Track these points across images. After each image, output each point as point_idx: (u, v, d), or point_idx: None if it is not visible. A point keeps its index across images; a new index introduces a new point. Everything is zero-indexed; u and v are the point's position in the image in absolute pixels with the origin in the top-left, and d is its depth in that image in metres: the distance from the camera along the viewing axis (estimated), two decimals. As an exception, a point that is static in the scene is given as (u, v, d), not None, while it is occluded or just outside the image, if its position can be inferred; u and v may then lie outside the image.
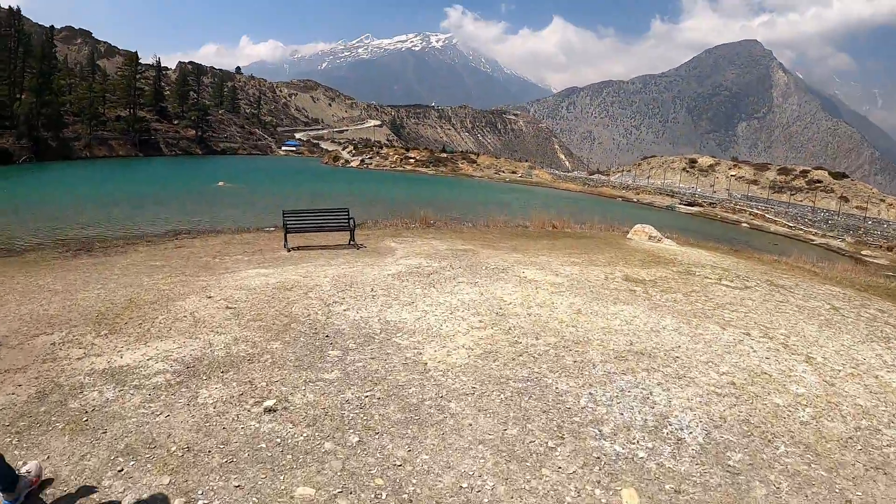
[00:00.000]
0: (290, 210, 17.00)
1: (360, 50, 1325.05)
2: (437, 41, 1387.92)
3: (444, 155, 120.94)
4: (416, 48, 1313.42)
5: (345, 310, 9.58)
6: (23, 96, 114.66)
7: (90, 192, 40.53)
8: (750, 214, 73.44)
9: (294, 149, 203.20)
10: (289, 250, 16.13)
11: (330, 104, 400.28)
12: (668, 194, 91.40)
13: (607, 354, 8.01)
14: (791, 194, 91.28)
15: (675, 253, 18.87)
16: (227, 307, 9.59)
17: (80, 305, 9.59)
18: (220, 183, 49.34)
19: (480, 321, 9.20)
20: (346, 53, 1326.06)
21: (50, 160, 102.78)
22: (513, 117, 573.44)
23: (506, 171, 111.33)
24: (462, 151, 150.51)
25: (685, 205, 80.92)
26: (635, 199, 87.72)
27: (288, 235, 16.62)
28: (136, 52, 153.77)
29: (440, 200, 43.08)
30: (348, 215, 17.05)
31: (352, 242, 17.01)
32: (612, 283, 12.78)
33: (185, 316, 9.00)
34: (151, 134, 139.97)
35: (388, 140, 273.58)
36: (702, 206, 79.71)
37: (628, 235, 23.29)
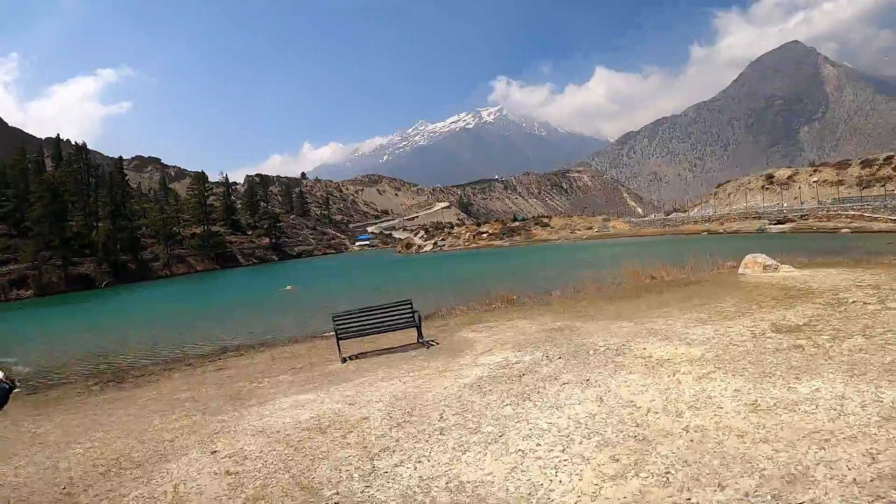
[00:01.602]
0: (341, 313, 13.88)
1: (416, 137, 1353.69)
2: (488, 115, 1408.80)
3: (516, 223, 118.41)
4: (470, 126, 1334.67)
5: (396, 465, 6.34)
6: (99, 224, 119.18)
7: (153, 312, 41.42)
8: (847, 218, 69.41)
9: (367, 242, 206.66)
10: (343, 361, 13.14)
11: (396, 194, 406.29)
12: (754, 217, 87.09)
13: (855, 498, 4.54)
14: (882, 185, 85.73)
15: (802, 280, 16.13)
16: (228, 472, 6.74)
17: (58, 468, 7.91)
18: (288, 287, 47.85)
19: (614, 459, 5.72)
20: (404, 143, 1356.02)
21: (130, 282, 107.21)
22: (576, 174, 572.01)
23: (581, 229, 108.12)
24: (533, 217, 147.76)
25: (775, 224, 76.59)
26: (721, 230, 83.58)
27: (341, 343, 13.54)
28: (202, 172, 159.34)
29: (519, 272, 40.02)
30: (411, 308, 13.79)
31: (420, 340, 13.88)
32: (767, 342, 9.61)
33: (164, 493, 6.50)
34: (227, 247, 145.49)
35: (458, 219, 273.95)
36: (793, 222, 75.14)
37: (740, 271, 20.29)
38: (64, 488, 7.12)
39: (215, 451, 7.50)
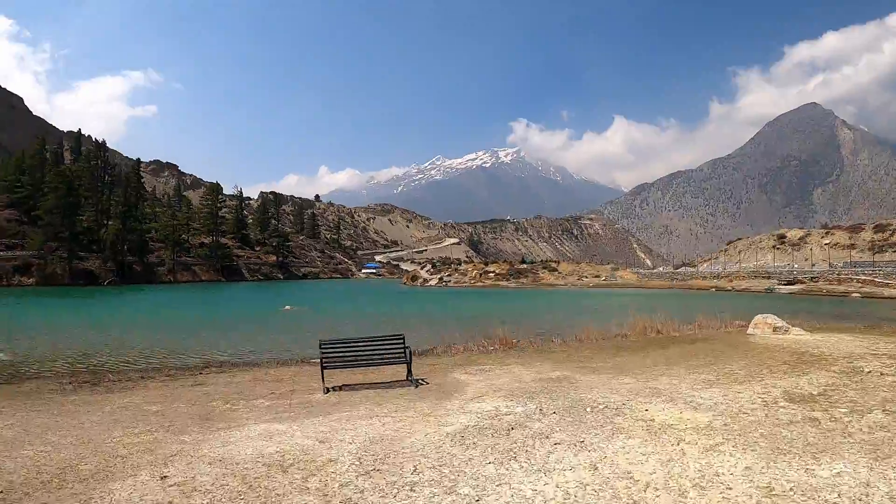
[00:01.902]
0: (329, 341, 13.13)
1: (432, 171, 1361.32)
2: (505, 156, 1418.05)
3: (524, 266, 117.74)
4: (487, 165, 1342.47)
5: (356, 523, 5.51)
6: (109, 223, 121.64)
7: (150, 315, 42.37)
8: (858, 282, 69.09)
9: (374, 271, 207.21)
10: (326, 391, 12.36)
11: (407, 225, 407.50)
12: (763, 276, 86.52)
13: None
14: (894, 251, 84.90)
15: (814, 345, 15.36)
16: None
17: (1, 469, 7.29)
18: (286, 307, 47.27)
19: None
20: (420, 176, 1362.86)
21: (134, 283, 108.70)
22: (588, 222, 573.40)
23: (589, 276, 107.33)
24: (542, 261, 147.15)
25: (785, 284, 75.96)
26: (730, 287, 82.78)
27: (326, 372, 12.77)
28: (217, 183, 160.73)
29: (522, 315, 38.95)
30: (403, 344, 13.08)
31: (410, 378, 13.08)
32: (780, 412, 8.87)
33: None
34: (234, 260, 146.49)
35: (467, 256, 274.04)
36: (803, 283, 74.53)
37: (749, 331, 19.58)
38: (1, 492, 6.57)
39: (165, 477, 6.80)
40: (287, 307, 47.21)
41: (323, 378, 12.68)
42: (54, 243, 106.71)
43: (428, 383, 12.85)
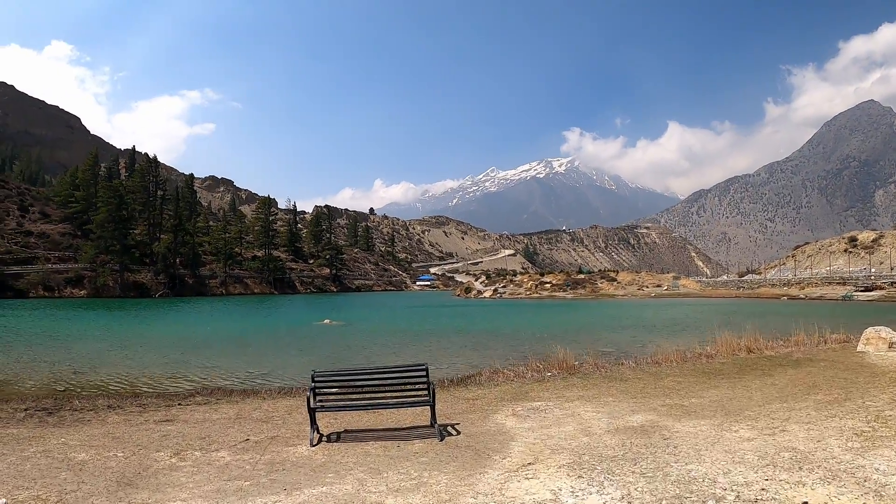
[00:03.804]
0: (326, 373, 9.53)
1: (487, 183, 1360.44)
2: (559, 166, 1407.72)
3: (582, 276, 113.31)
4: (541, 175, 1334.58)
5: None
6: (162, 236, 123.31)
7: (180, 328, 41.32)
8: None
9: (428, 283, 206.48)
10: (317, 442, 8.94)
11: (462, 237, 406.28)
12: (837, 282, 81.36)
13: None
14: None
15: None
16: None
17: None
18: (326, 321, 44.35)
19: None
20: (474, 188, 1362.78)
21: (186, 295, 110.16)
22: (644, 231, 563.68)
23: (649, 286, 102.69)
24: (600, 270, 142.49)
25: (862, 290, 70.66)
26: (802, 295, 77.69)
27: (317, 415, 9.30)
28: (269, 197, 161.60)
29: (583, 329, 34.56)
30: (426, 378, 9.34)
31: (434, 424, 9.34)
32: None
33: None
34: (286, 272, 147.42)
35: (523, 268, 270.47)
36: (883, 289, 69.27)
37: (859, 347, 16.93)
38: None
39: None
40: (326, 321, 44.44)
41: (313, 424, 9.15)
42: (106, 256, 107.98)
43: (458, 433, 9.18)
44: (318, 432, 9.33)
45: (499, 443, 8.42)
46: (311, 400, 9.08)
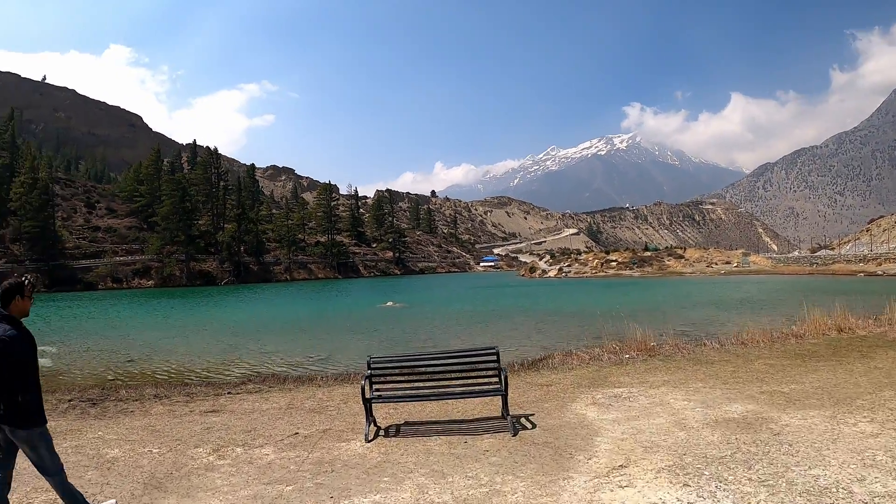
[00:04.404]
0: (384, 358, 8.59)
1: (548, 162, 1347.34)
2: (620, 142, 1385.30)
3: (648, 253, 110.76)
4: (602, 152, 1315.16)
5: None
6: (226, 226, 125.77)
7: (241, 314, 41.17)
8: None
9: (492, 264, 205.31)
10: (372, 437, 7.94)
11: (525, 217, 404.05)
12: (918, 257, 76.47)
13: None
14: None
15: None
16: None
17: None
18: (389, 303, 44.25)
19: None
20: (535, 167, 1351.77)
21: (251, 282, 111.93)
22: (710, 206, 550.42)
23: (718, 263, 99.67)
24: (666, 248, 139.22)
25: (949, 267, 66.08)
26: (880, 272, 73.79)
27: (374, 405, 8.36)
28: (330, 183, 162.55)
29: (654, 307, 33.02)
30: (497, 363, 8.20)
31: (506, 415, 8.25)
32: None
33: None
34: (350, 257, 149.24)
35: (586, 247, 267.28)
36: (969, 263, 64.66)
37: None
38: None
39: None
40: (389, 303, 44.19)
41: (368, 416, 8.20)
42: (172, 247, 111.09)
43: (534, 426, 8.04)
44: (375, 425, 8.39)
45: (581, 438, 7.27)
46: (367, 389, 8.14)
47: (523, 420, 8.34)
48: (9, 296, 4.82)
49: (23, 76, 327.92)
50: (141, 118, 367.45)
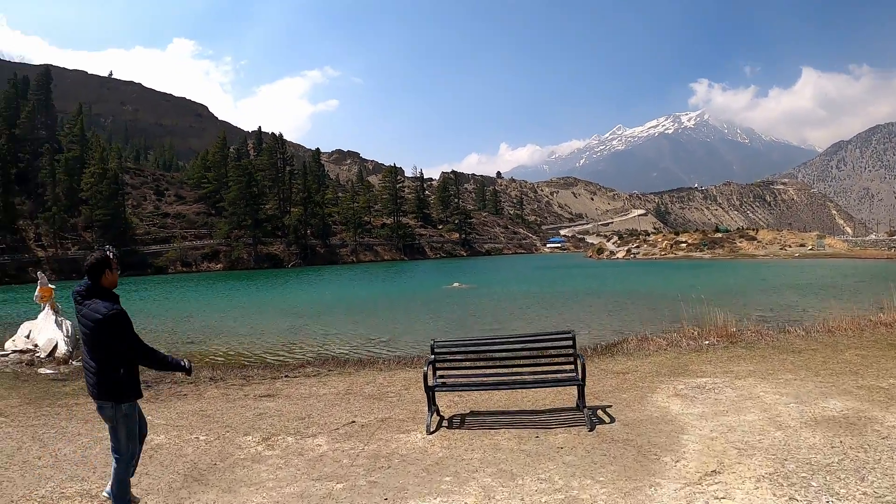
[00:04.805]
0: (448, 343, 8.02)
1: (614, 142, 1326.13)
2: (688, 120, 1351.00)
3: (719, 235, 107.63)
4: (669, 131, 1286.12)
5: None
6: (292, 209, 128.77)
7: (310, 296, 41.35)
8: None
9: (558, 245, 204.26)
10: (434, 429, 7.32)
11: (592, 198, 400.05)
12: None
13: None
14: None
15: None
16: None
17: None
18: (455, 284, 43.84)
19: None
20: (601, 147, 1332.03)
21: (317, 264, 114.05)
22: (781, 187, 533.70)
23: (792, 246, 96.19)
24: (738, 229, 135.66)
25: None
26: (969, 256, 69.43)
27: (437, 395, 7.76)
28: (395, 165, 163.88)
29: (728, 291, 31.26)
30: (573, 348, 7.54)
31: (581, 406, 7.48)
32: None
33: None
34: (416, 239, 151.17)
35: (654, 228, 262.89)
36: None
37: None
38: None
39: None
40: (455, 284, 43.78)
41: (431, 405, 7.58)
42: (239, 231, 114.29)
43: (612, 420, 7.30)
44: (438, 414, 7.78)
45: (666, 436, 6.49)
46: (430, 376, 7.54)
47: (600, 412, 7.62)
48: (99, 270, 4.76)
49: (90, 73, 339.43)
50: (206, 108, 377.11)
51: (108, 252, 4.87)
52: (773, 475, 5.19)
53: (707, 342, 12.53)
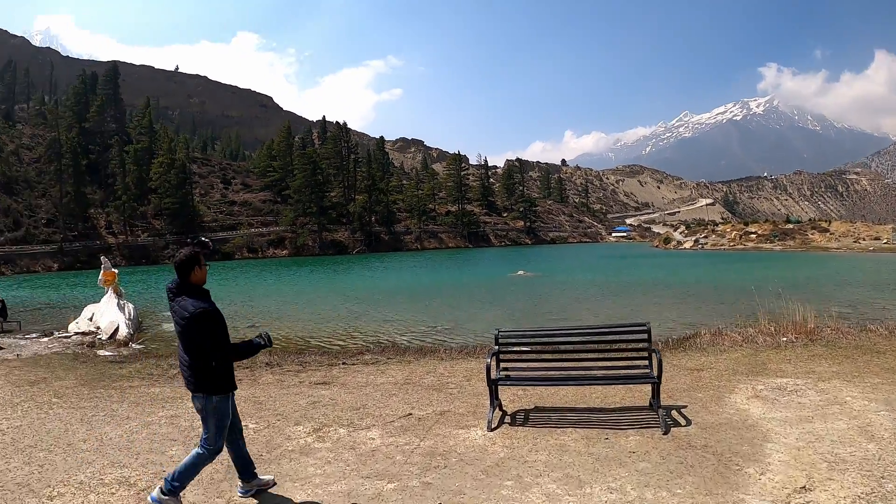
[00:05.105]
0: (513, 333, 7.65)
1: (681, 129, 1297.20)
2: (756, 106, 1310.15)
3: (790, 226, 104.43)
4: (737, 117, 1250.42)
5: None
6: (356, 197, 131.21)
7: (374, 282, 41.89)
8: None
9: (624, 234, 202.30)
10: (496, 425, 6.90)
11: (658, 187, 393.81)
12: None
13: None
14: None
15: None
16: None
17: None
18: (520, 272, 43.51)
19: None
20: (667, 135, 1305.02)
21: (382, 251, 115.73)
22: (854, 177, 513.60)
23: (867, 239, 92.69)
24: (810, 220, 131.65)
25: None
26: None
27: (499, 388, 7.28)
28: (459, 153, 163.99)
29: (802, 285, 29.21)
30: (648, 341, 7.00)
31: (655, 405, 6.92)
32: None
33: None
34: (480, 226, 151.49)
35: (722, 217, 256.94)
36: None
37: None
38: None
39: None
40: (520, 272, 43.45)
41: (493, 400, 7.13)
42: (305, 218, 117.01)
43: (688, 422, 6.74)
44: (500, 409, 7.38)
45: (748, 444, 5.89)
46: (493, 369, 7.09)
47: (674, 413, 7.06)
48: (188, 267, 4.78)
49: (156, 67, 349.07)
50: (271, 98, 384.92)
51: (196, 247, 4.84)
52: (870, 496, 4.60)
53: (784, 339, 11.75)
